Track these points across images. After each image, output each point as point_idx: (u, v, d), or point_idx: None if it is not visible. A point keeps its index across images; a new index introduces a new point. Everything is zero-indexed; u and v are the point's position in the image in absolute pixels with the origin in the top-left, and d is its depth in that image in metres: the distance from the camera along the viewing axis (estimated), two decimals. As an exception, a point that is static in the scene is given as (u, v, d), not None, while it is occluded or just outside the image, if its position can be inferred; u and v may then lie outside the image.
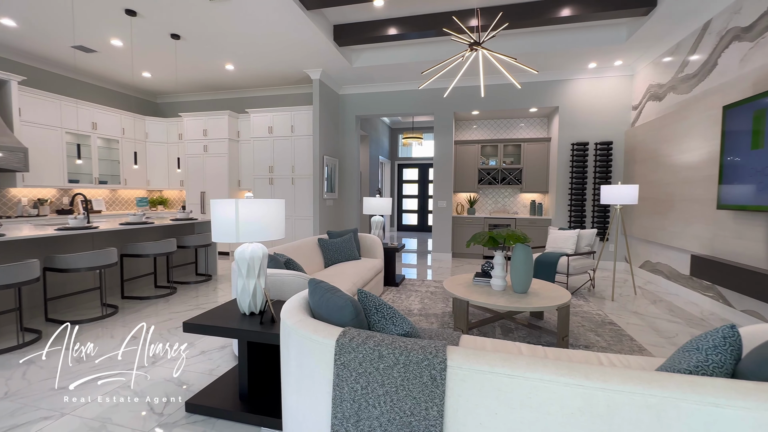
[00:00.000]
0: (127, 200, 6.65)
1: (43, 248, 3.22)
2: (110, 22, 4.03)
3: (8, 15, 3.93)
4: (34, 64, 5.20)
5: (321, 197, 5.82)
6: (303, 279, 2.21)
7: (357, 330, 1.21)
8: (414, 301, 3.73)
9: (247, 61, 5.23)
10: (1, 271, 2.43)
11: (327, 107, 5.95)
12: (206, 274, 4.74)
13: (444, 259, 6.21)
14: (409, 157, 10.78)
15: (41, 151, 5.04)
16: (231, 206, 1.73)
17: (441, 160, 6.20)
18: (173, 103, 7.19)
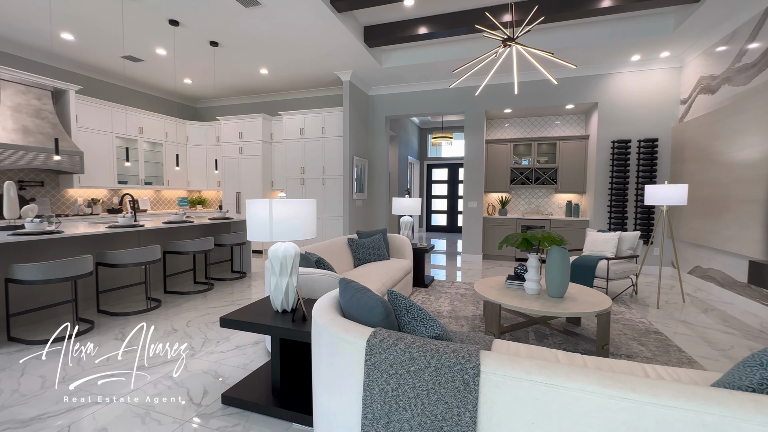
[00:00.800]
0: (169, 200, 7.03)
1: (96, 244, 3.47)
2: (155, 32, 4.28)
3: (68, 30, 4.27)
4: (89, 74, 5.63)
5: (350, 197, 5.87)
6: (333, 278, 2.24)
7: (387, 331, 1.21)
8: (443, 303, 3.68)
9: (280, 65, 5.37)
10: (60, 265, 2.64)
11: (357, 108, 6.00)
12: (241, 272, 4.92)
13: (474, 260, 6.08)
14: (438, 157, 10.67)
15: (94, 154, 5.44)
16: (265, 206, 1.78)
17: (471, 160, 6.08)
18: (211, 107, 7.53)
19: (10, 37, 4.49)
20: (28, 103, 4.66)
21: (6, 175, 4.69)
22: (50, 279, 2.61)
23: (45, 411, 1.82)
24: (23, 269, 2.55)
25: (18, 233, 2.73)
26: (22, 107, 4.59)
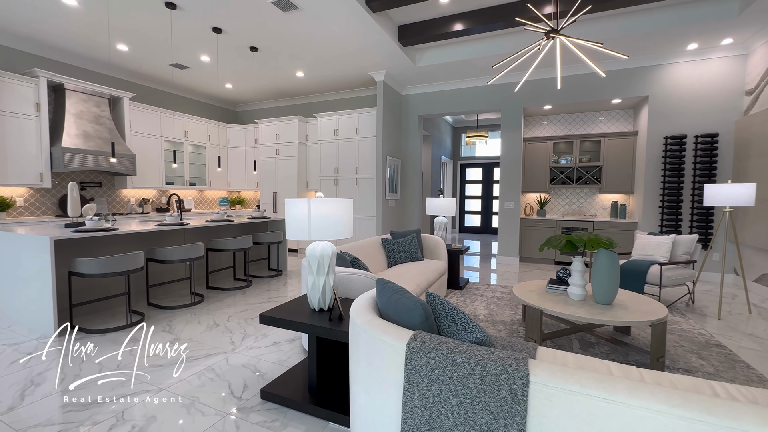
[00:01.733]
0: (211, 200, 7.38)
1: (146, 241, 3.69)
2: (200, 40, 4.49)
3: (123, 41, 4.59)
4: (141, 81, 6.02)
5: (383, 197, 5.87)
6: (369, 278, 2.23)
7: (428, 334, 1.17)
8: (479, 306, 3.57)
9: (316, 67, 5.47)
10: (114, 260, 2.83)
11: (390, 108, 5.99)
12: (277, 270, 5.06)
13: (510, 263, 5.88)
14: (472, 156, 10.44)
15: (145, 157, 5.81)
16: (303, 205, 1.80)
17: (508, 159, 5.88)
18: (250, 111, 7.82)
19: (72, 51, 4.89)
20: (88, 110, 5.05)
21: (70, 177, 5.12)
22: (106, 273, 2.81)
23: (102, 396, 1.95)
24: (83, 263, 2.75)
25: (79, 230, 2.96)
26: (83, 114, 4.99)
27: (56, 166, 4.66)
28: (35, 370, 2.22)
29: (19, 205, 4.65)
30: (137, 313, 3.22)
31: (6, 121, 4.32)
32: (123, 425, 1.71)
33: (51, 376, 2.15)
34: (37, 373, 2.18)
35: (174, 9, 3.75)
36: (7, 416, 1.77)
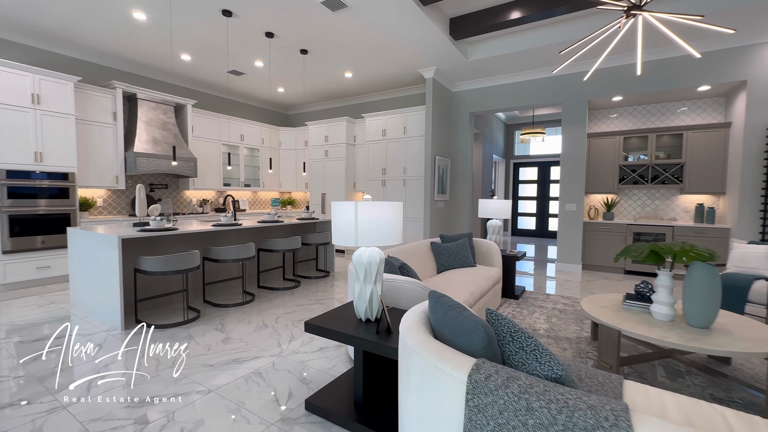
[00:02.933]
0: (264, 200, 7.67)
1: (203, 241, 3.85)
2: (254, 45, 4.63)
3: (186, 51, 4.87)
4: (201, 89, 6.40)
5: (432, 199, 5.67)
6: (420, 288, 2.07)
7: (494, 365, 0.98)
8: (539, 319, 3.25)
9: (365, 66, 5.42)
10: (174, 259, 2.96)
11: (440, 106, 5.77)
12: (325, 270, 5.08)
13: (572, 270, 5.37)
14: (526, 155, 9.83)
15: (205, 160, 6.15)
16: (350, 209, 1.69)
17: (570, 157, 5.38)
18: (300, 113, 8.01)
19: (142, 62, 5.30)
20: (156, 117, 5.45)
21: (141, 179, 5.56)
22: (166, 271, 2.94)
23: (156, 393, 2.00)
24: (146, 261, 2.91)
25: (144, 229, 3.14)
26: (152, 121, 5.39)
27: (129, 169, 5.08)
28: (102, 363, 2.35)
29: (99, 205, 5.13)
30: (194, 310, 3.35)
31: (89, 129, 4.78)
32: (173, 426, 1.72)
33: (115, 369, 2.26)
34: (103, 365, 2.31)
35: (230, 16, 3.88)
36: (74, 407, 1.86)
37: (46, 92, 4.22)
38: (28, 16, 3.95)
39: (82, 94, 4.65)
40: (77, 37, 4.45)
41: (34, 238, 4.17)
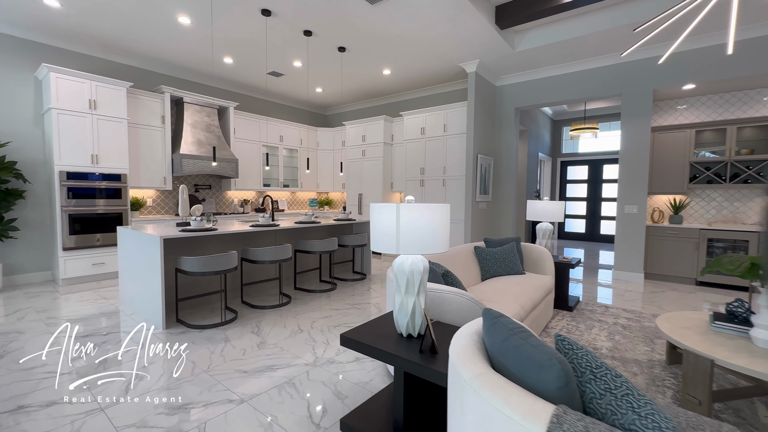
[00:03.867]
0: (301, 201, 7.72)
1: (241, 241, 3.86)
2: (292, 44, 4.60)
3: (228, 54, 4.96)
4: (242, 91, 6.53)
5: (473, 200, 5.36)
6: (468, 300, 1.85)
7: (580, 418, 0.76)
8: (600, 337, 2.89)
9: (403, 62, 5.23)
10: (213, 259, 2.95)
11: (482, 102, 5.45)
12: (361, 273, 4.95)
13: (632, 279, 4.84)
14: (574, 152, 9.16)
15: (246, 161, 6.27)
16: (391, 212, 1.51)
17: (631, 153, 4.85)
18: (338, 113, 7.99)
19: (188, 67, 5.48)
20: (201, 120, 5.62)
21: (186, 180, 5.76)
22: (205, 272, 2.93)
23: (190, 400, 1.94)
24: (186, 261, 2.92)
25: (185, 229, 3.17)
26: (197, 124, 5.56)
27: (176, 170, 5.27)
28: (141, 362, 2.35)
29: (149, 205, 5.37)
30: (231, 311, 3.34)
31: (140, 132, 5.00)
32: (204, 439, 1.64)
33: (153, 373, 2.25)
34: (142, 366, 2.31)
35: (269, 16, 3.86)
36: (111, 410, 1.84)
37: (101, 98, 4.45)
38: (87, 26, 4.18)
39: (133, 99, 4.87)
40: (129, 44, 4.66)
41: (91, 236, 4.41)
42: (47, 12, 3.86)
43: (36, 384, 2.08)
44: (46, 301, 3.67)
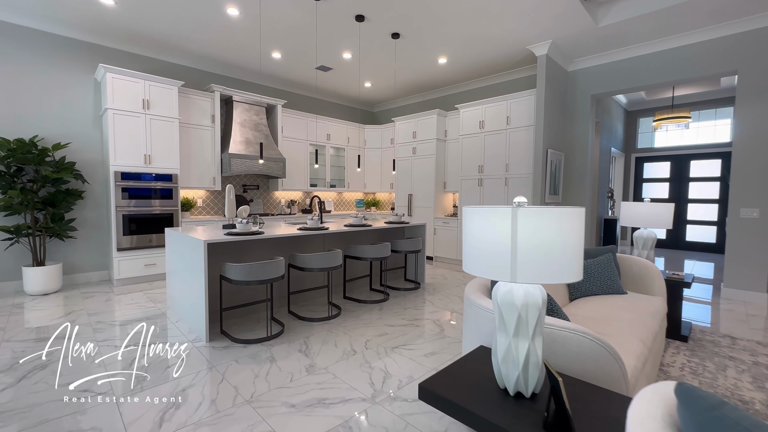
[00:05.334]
0: (348, 201, 7.44)
1: (288, 245, 3.57)
2: (343, 32, 4.26)
3: (277, 48, 4.75)
4: (290, 89, 6.36)
5: (542, 201, 4.70)
6: (593, 342, 1.32)
7: None
8: (741, 381, 2.19)
9: (463, 48, 4.71)
10: (258, 268, 2.65)
11: (553, 89, 4.77)
12: (415, 281, 4.50)
13: (750, 300, 3.92)
14: (650, 147, 8.03)
15: (293, 160, 6.08)
16: (502, 220, 1.04)
17: (748, 145, 3.94)
18: (387, 110, 7.60)
19: (236, 64, 5.36)
20: (249, 118, 5.49)
21: (234, 180, 5.67)
22: (250, 281, 2.64)
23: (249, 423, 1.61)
24: (231, 269, 2.65)
25: (230, 233, 2.91)
26: (246, 122, 5.44)
27: (224, 170, 5.16)
28: (181, 384, 2.09)
29: (199, 206, 5.32)
30: (278, 323, 3.04)
31: (191, 132, 4.94)
32: (243, 508, 1.28)
33: (192, 397, 1.96)
34: (181, 389, 2.03)
35: (318, 0, 3.54)
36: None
37: (154, 97, 4.41)
38: (139, 24, 4.14)
39: (184, 99, 4.82)
40: (179, 42, 4.59)
41: (143, 237, 4.39)
42: (102, 11, 3.85)
43: (60, 407, 1.86)
44: (98, 302, 3.62)
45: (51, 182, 3.91)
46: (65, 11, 3.85)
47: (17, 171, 3.80)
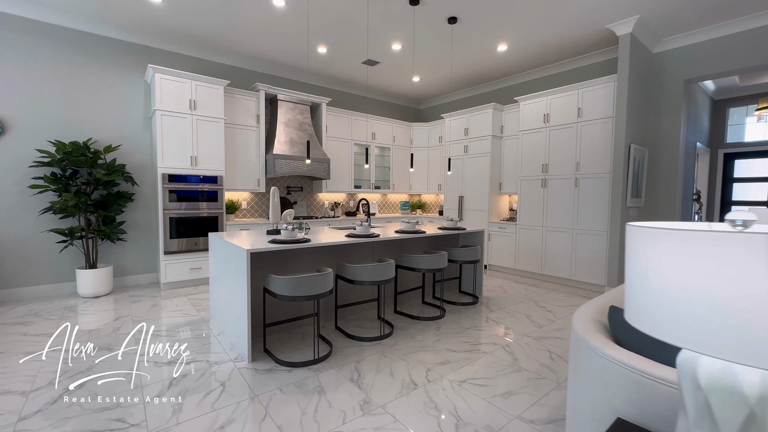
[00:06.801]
0: (392, 204, 7.07)
1: (335, 254, 3.26)
2: (395, 19, 3.90)
3: (323, 41, 4.49)
4: (334, 87, 6.11)
5: (623, 205, 4.03)
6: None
7: None
8: None
9: (527, 31, 4.16)
10: (306, 282, 2.34)
11: (637, 74, 4.09)
12: (472, 295, 4.03)
13: None
14: (740, 141, 6.88)
15: (337, 161, 5.82)
16: (752, 257, 0.58)
17: None
18: (434, 107, 7.15)
19: (280, 61, 5.18)
20: (294, 118, 5.30)
21: (278, 182, 5.51)
22: (297, 296, 2.34)
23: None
24: (276, 282, 2.36)
25: (275, 240, 2.64)
26: (291, 122, 5.25)
27: (269, 171, 5.00)
28: (220, 418, 1.81)
29: (243, 208, 5.21)
30: (325, 342, 2.73)
31: (236, 133, 4.82)
32: None
33: None
34: (219, 426, 1.75)
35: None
36: None
37: (201, 98, 4.31)
38: (186, 23, 4.04)
39: (230, 99, 4.70)
40: (225, 40, 4.47)
41: (189, 240, 4.30)
42: (150, 10, 3.77)
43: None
44: (144, 308, 3.53)
45: (102, 185, 3.91)
46: (115, 11, 3.82)
47: (72, 174, 3.82)
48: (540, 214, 4.85)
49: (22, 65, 3.72)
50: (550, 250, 4.73)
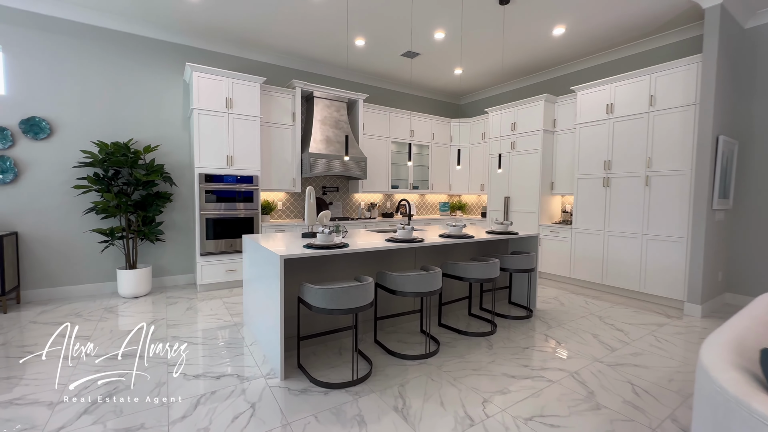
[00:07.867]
0: (430, 204, 6.71)
1: (374, 260, 2.98)
2: (439, 3, 3.56)
3: (361, 33, 4.24)
4: (371, 82, 5.85)
5: (709, 207, 3.43)
6: None
7: None
8: None
9: (588, 11, 3.67)
10: (344, 294, 2.07)
11: (727, 54, 3.47)
12: (525, 307, 3.60)
13: None
14: None
15: (374, 160, 5.56)
16: None
17: None
18: (475, 101, 6.71)
19: (316, 57, 5.00)
20: (330, 115, 5.10)
21: (314, 182, 5.34)
22: (334, 309, 2.08)
23: None
24: (311, 292, 2.12)
25: (310, 245, 2.40)
26: (327, 120, 5.06)
27: (304, 171, 4.83)
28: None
29: (279, 208, 5.08)
30: (364, 358, 2.45)
31: (272, 132, 4.69)
32: None
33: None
34: (246, 461, 1.52)
35: (416, -41, 2.89)
36: None
37: (237, 96, 4.21)
38: (222, 20, 3.95)
39: (266, 96, 4.58)
40: (261, 36, 4.35)
41: (225, 241, 4.21)
42: (187, 9, 3.70)
43: None
44: (179, 311, 3.45)
45: (142, 185, 3.89)
46: (155, 11, 3.79)
47: (114, 174, 3.84)
48: (601, 216, 4.31)
49: (71, 68, 3.78)
50: (614, 257, 4.18)
